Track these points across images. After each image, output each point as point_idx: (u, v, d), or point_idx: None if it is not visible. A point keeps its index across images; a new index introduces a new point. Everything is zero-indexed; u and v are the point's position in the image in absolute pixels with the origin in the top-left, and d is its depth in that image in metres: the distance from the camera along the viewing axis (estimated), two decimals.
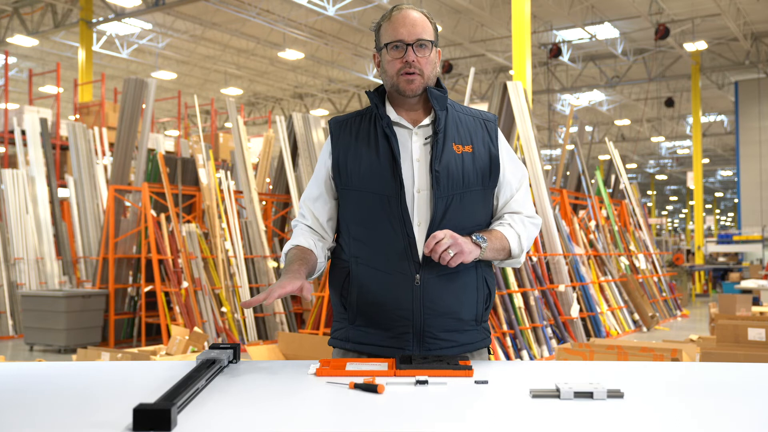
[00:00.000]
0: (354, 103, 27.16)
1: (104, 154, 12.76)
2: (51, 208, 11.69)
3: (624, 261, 11.97)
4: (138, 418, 1.16)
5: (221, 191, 9.68)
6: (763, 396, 1.46)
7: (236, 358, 1.79)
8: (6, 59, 14.60)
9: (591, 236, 11.36)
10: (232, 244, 9.38)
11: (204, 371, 1.55)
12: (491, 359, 2.01)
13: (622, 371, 1.70)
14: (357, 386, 1.47)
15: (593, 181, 13.14)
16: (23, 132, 12.24)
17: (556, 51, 19.31)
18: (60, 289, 10.01)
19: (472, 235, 1.84)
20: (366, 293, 1.88)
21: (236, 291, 9.17)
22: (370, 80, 23.25)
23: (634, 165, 38.33)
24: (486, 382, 1.53)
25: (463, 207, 1.87)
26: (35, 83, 19.65)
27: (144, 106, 10.31)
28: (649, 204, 41.63)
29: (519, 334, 8.14)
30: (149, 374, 1.71)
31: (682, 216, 59.11)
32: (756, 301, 9.29)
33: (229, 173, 10.28)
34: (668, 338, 9.16)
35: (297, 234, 1.97)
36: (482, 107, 8.45)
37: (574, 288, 9.72)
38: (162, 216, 9.02)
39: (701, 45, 19.24)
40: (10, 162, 13.09)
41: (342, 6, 16.66)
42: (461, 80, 22.74)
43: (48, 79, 21.52)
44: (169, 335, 8.06)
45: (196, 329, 7.28)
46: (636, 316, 11.03)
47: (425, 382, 1.51)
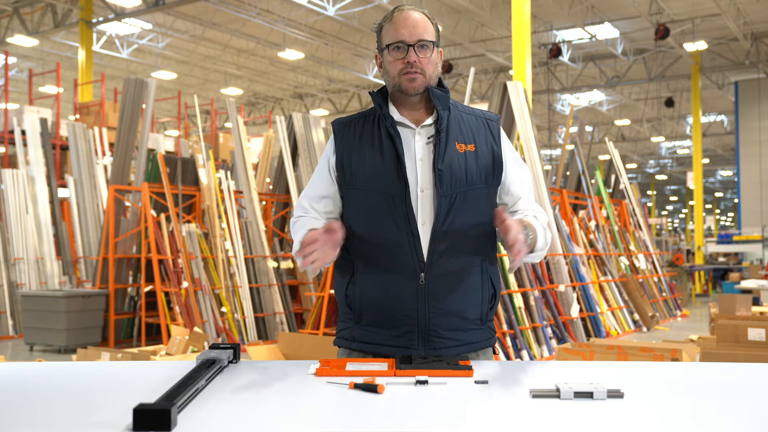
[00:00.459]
0: (354, 103, 27.14)
1: (104, 154, 12.76)
2: (51, 208, 11.68)
3: (624, 261, 11.96)
4: (138, 418, 1.17)
5: (221, 191, 9.67)
6: (763, 396, 1.46)
7: (236, 358, 1.79)
8: (6, 59, 14.59)
9: (591, 236, 11.36)
10: (232, 244, 9.38)
11: (204, 371, 1.55)
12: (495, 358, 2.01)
13: (622, 371, 1.70)
14: (357, 386, 1.47)
15: (593, 181, 13.13)
16: (23, 132, 12.23)
17: (556, 51, 19.30)
18: (60, 289, 10.01)
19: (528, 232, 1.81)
20: (371, 292, 1.88)
21: (236, 291, 9.17)
22: (370, 80, 23.24)
23: (634, 165, 38.32)
24: (486, 382, 1.53)
25: (467, 205, 1.87)
26: (35, 83, 19.63)
27: (144, 106, 10.30)
28: (649, 204, 41.61)
29: (519, 334, 8.14)
30: (149, 374, 1.71)
31: (682, 216, 59.09)
32: (756, 301, 9.28)
33: (229, 173, 10.28)
34: (668, 338, 9.16)
35: (305, 222, 1.92)
36: (482, 107, 8.43)
37: (574, 288, 9.72)
38: (162, 216, 9.01)
39: (701, 45, 19.23)
40: (10, 162, 13.08)
41: (342, 6, 16.65)
42: (461, 80, 22.73)
43: (48, 79, 21.51)
44: (169, 335, 8.06)
45: (196, 329, 7.27)
46: (636, 316, 11.02)
47: (425, 382, 1.51)
